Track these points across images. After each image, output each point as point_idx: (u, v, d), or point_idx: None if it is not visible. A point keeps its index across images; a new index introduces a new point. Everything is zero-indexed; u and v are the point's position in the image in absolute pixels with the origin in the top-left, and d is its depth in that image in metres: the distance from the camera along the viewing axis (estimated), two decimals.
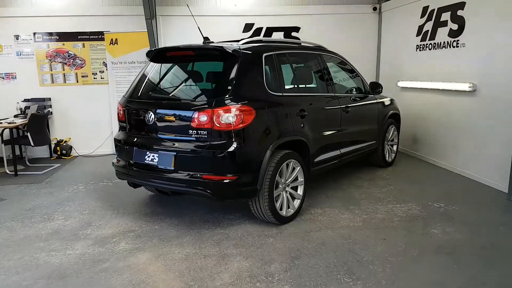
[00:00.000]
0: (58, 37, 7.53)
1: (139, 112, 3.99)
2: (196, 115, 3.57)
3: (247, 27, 7.90)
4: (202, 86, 3.97)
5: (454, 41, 5.80)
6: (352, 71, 5.59)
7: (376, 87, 5.61)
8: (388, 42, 7.99)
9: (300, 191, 4.23)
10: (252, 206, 3.91)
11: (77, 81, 7.71)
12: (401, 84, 7.28)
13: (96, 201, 4.91)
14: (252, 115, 3.61)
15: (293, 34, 8.00)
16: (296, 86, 4.43)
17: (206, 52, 3.93)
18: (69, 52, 7.60)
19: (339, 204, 4.63)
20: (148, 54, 4.29)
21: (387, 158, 6.22)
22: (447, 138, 6.08)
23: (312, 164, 4.47)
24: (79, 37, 7.59)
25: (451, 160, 6.02)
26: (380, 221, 4.11)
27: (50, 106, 7.59)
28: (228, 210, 4.43)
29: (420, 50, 6.75)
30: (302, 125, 4.22)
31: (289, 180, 4.08)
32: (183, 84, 4.05)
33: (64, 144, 7.61)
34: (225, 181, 3.55)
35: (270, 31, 7.94)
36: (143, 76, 4.27)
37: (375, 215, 4.26)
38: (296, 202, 4.19)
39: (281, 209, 3.99)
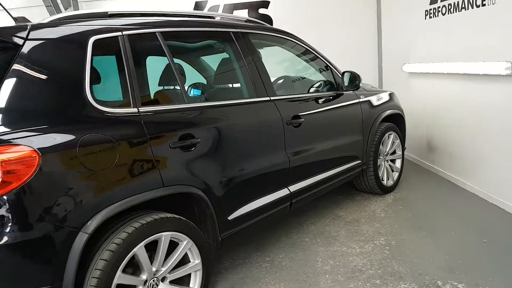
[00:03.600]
0: None
1: None
2: None
3: (198, 6, 5.99)
4: None
5: None
6: (313, 59, 3.59)
7: (352, 80, 3.57)
8: (389, 11, 5.85)
9: (195, 284, 2.34)
10: None
11: None
12: (408, 68, 5.17)
13: None
14: (34, 164, 1.73)
15: (261, 11, 6.02)
16: (179, 93, 2.50)
17: None
18: None
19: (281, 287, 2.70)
20: None
21: (384, 182, 4.18)
22: (475, 146, 3.97)
23: (224, 225, 2.55)
24: None
25: (482, 180, 3.91)
26: None
27: None
28: None
29: (430, 17, 4.63)
30: (189, 165, 2.31)
31: (164, 270, 2.20)
32: None
33: None
34: None
35: (229, 9, 6.00)
36: None
37: None
38: None
39: None
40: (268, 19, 5.89)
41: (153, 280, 2.15)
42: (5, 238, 1.70)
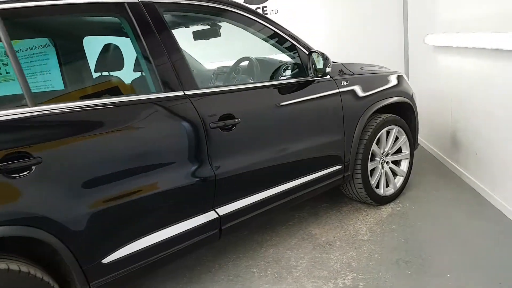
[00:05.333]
0: None
1: None
2: None
3: None
4: None
5: None
6: (272, 36, 2.73)
7: (324, 64, 2.65)
8: None
9: None
10: None
11: None
12: (431, 40, 4.08)
13: None
14: None
15: None
16: (18, 92, 1.81)
17: None
18: None
19: None
20: None
21: (379, 191, 3.29)
22: (506, 148, 2.94)
23: (95, 271, 1.89)
24: None
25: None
26: None
27: None
28: None
29: None
30: (21, 196, 1.65)
31: None
32: None
33: None
34: None
35: None
36: None
37: None
38: None
39: None
40: None
41: None
42: None
